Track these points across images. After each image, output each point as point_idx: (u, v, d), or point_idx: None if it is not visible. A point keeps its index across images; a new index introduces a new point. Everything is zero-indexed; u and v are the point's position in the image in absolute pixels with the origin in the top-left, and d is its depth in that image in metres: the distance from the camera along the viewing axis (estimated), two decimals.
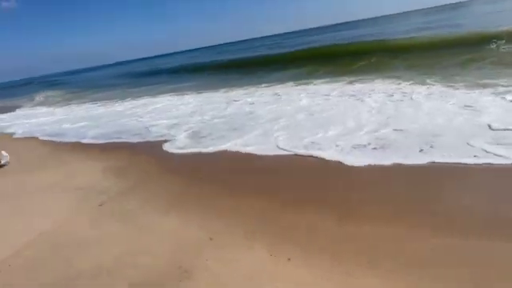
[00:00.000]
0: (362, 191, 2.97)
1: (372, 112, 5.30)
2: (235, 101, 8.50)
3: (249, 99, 8.47)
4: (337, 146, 4.00)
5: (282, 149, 4.23)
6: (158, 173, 4.14)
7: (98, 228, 2.88)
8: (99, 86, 22.96)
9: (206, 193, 3.38)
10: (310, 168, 3.68)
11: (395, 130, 4.27)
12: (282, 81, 10.89)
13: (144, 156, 4.98)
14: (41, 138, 7.45)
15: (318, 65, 12.55)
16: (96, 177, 4.14)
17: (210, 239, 2.46)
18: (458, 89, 6.03)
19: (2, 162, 5.16)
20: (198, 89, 12.42)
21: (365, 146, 3.90)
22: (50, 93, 23.18)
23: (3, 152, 5.23)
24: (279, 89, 9.57)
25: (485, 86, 5.83)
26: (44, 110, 14.06)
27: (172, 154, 4.87)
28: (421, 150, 3.51)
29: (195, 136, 5.59)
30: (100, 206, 3.30)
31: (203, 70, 20.00)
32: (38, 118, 11.04)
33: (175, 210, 3.03)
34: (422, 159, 3.32)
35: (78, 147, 6.03)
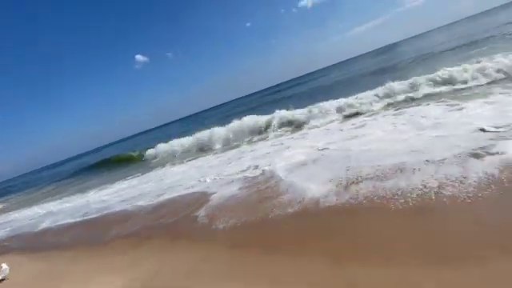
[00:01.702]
0: None
1: None
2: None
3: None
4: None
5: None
6: (215, 269, 3.02)
7: None
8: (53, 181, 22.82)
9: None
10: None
11: None
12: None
13: (183, 249, 3.84)
14: (22, 251, 6.19)
15: None
16: None
17: None
18: None
19: (1, 276, 4.53)
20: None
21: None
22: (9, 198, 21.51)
23: (3, 265, 4.64)
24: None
25: None
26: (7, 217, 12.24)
27: (210, 230, 4.05)
28: None
29: (219, 207, 4.86)
30: None
31: None
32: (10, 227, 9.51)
33: None
34: None
35: (81, 253, 4.90)
